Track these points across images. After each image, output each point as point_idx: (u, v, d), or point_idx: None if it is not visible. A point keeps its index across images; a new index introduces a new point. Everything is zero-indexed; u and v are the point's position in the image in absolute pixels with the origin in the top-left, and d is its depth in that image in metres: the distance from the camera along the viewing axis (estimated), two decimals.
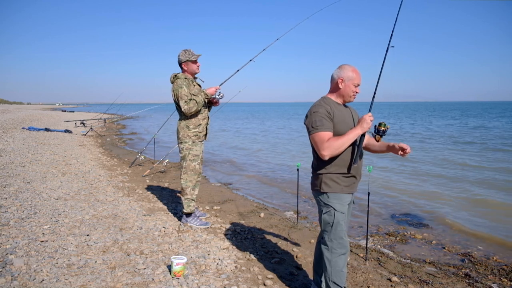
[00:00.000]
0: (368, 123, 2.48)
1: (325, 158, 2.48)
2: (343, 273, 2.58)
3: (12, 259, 3.17)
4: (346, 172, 2.56)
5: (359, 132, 2.48)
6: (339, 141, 2.44)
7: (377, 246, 4.42)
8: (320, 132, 2.48)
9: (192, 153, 4.43)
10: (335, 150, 2.45)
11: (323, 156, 2.46)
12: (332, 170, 2.56)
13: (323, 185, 2.57)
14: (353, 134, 2.47)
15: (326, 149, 2.44)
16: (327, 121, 2.50)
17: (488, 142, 16.05)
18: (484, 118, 36.80)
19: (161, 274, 3.13)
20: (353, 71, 2.60)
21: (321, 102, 2.62)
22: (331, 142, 2.45)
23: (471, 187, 7.69)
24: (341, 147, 2.45)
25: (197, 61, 4.45)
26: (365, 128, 2.48)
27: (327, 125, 2.49)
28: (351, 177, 2.59)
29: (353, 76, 2.59)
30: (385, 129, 2.57)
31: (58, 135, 15.10)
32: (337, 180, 2.56)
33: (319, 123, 2.49)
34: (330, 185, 2.56)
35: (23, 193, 5.48)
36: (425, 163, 10.52)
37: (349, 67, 2.62)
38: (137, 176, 7.67)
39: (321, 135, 2.47)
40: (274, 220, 5.10)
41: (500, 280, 3.56)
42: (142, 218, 4.69)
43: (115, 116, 34.88)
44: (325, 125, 2.49)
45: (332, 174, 2.56)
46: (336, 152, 2.46)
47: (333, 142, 2.44)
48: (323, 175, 2.58)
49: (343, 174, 2.56)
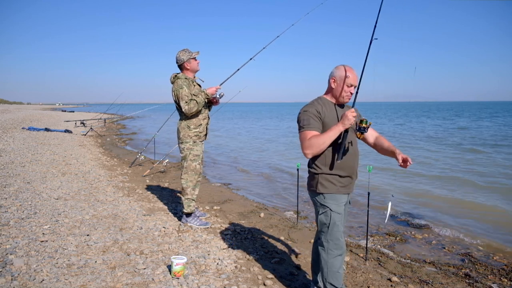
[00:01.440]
0: (350, 119, 2.40)
1: (307, 156, 2.47)
2: (340, 274, 2.56)
3: (12, 259, 3.17)
4: (341, 172, 2.54)
5: (340, 128, 2.42)
6: (319, 139, 2.41)
7: (377, 246, 4.42)
8: (305, 131, 2.48)
9: (193, 153, 4.43)
10: (316, 148, 2.42)
11: (305, 154, 2.47)
12: (328, 170, 2.55)
13: (319, 185, 2.57)
14: (334, 131, 2.42)
15: (307, 148, 2.44)
16: (315, 121, 2.49)
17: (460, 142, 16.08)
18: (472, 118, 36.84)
19: (161, 274, 3.13)
20: (347, 71, 2.55)
21: (313, 101, 2.62)
22: (311, 140, 2.43)
23: (471, 188, 7.69)
24: (322, 144, 2.41)
25: (197, 58, 4.47)
26: (346, 124, 2.41)
27: (314, 124, 2.48)
28: (346, 177, 2.57)
29: (345, 76, 2.54)
30: (366, 126, 2.50)
31: (58, 135, 15.09)
32: (333, 180, 2.55)
33: (306, 122, 2.50)
34: (326, 186, 2.55)
35: (23, 193, 5.48)
36: (422, 164, 10.52)
37: (344, 67, 2.58)
38: (137, 176, 7.67)
39: (305, 134, 2.48)
40: (274, 220, 5.10)
41: (500, 280, 3.56)
42: (142, 218, 4.69)
43: (115, 116, 34.87)
44: (312, 124, 2.48)
45: (327, 175, 2.55)
46: (317, 150, 2.43)
47: (314, 140, 2.42)
48: (318, 175, 2.58)
49: (339, 175, 2.55)
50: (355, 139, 2.64)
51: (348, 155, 2.56)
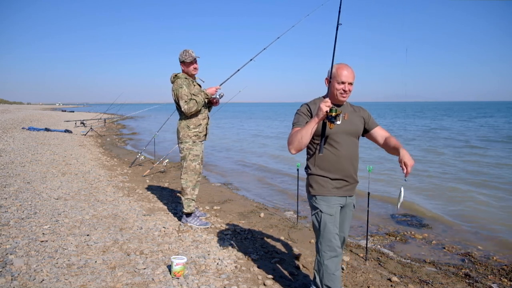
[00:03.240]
0: (322, 109, 2.31)
1: (291, 152, 2.45)
2: (335, 276, 2.48)
3: (12, 259, 3.17)
4: (331, 174, 2.51)
5: (315, 119, 2.35)
6: (298, 133, 2.39)
7: (377, 246, 4.42)
8: (292, 128, 2.51)
9: (193, 153, 4.43)
10: (296, 143, 2.38)
11: (289, 150, 2.45)
12: (317, 172, 2.53)
13: (310, 187, 2.57)
14: (309, 123, 2.37)
15: (289, 143, 2.44)
16: (303, 118, 2.51)
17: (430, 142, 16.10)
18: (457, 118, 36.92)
19: (161, 274, 3.13)
20: (338, 68, 2.49)
21: (310, 101, 2.62)
22: (292, 135, 2.43)
23: (470, 188, 7.69)
24: (301, 139, 2.36)
25: (195, 63, 4.44)
26: (319, 115, 2.33)
27: (301, 121, 2.49)
28: (339, 180, 2.52)
29: (336, 74, 2.48)
30: (335, 114, 2.35)
31: (58, 135, 15.09)
32: (322, 182, 2.52)
33: (295, 120, 2.53)
34: (316, 188, 2.54)
35: (23, 193, 5.48)
36: (422, 162, 10.52)
37: (336, 65, 2.52)
38: (137, 176, 7.67)
39: (291, 131, 2.49)
40: (274, 220, 5.10)
41: (500, 280, 3.56)
42: (142, 218, 4.69)
43: (115, 116, 34.87)
44: (299, 121, 2.50)
45: (317, 176, 2.54)
46: (299, 144, 2.39)
47: (294, 135, 2.42)
48: (309, 177, 2.58)
49: (329, 177, 2.51)
50: (350, 142, 2.55)
51: (340, 158, 2.50)
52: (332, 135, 2.48)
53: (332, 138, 2.49)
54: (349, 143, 2.55)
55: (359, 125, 2.61)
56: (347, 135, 2.54)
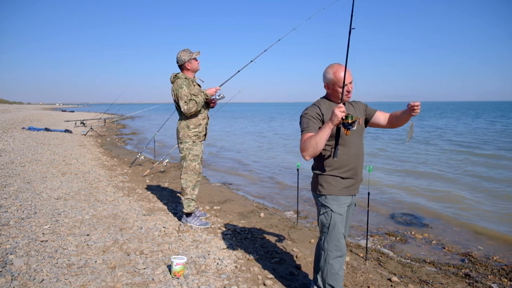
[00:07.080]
0: (337, 115, 2.30)
1: (305, 158, 2.41)
2: (339, 276, 2.54)
3: (12, 259, 3.17)
4: (342, 174, 2.53)
5: (330, 126, 2.34)
6: (312, 140, 2.36)
7: (377, 246, 4.42)
8: (304, 133, 2.46)
9: (192, 153, 4.43)
10: (311, 149, 2.36)
11: (303, 156, 2.42)
12: (328, 171, 2.54)
13: (320, 186, 2.56)
14: (324, 129, 2.35)
15: (302, 150, 2.41)
16: (314, 123, 2.47)
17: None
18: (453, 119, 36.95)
19: (161, 274, 3.13)
20: (335, 73, 2.49)
21: (314, 103, 2.60)
22: (306, 142, 2.39)
23: (470, 187, 7.69)
24: (316, 145, 2.34)
25: (197, 58, 4.48)
26: (334, 121, 2.32)
27: (312, 126, 2.46)
28: (348, 179, 2.55)
29: (335, 80, 2.49)
30: (351, 121, 2.36)
31: (58, 135, 15.09)
32: (333, 181, 2.53)
33: (305, 125, 2.48)
34: (326, 187, 2.54)
35: (23, 193, 5.48)
36: (425, 164, 10.52)
37: (331, 69, 2.52)
38: (137, 176, 7.67)
39: (303, 136, 2.46)
40: (274, 220, 5.10)
41: (500, 280, 3.56)
42: (142, 218, 4.69)
43: (115, 116, 34.86)
44: (310, 126, 2.46)
45: (328, 176, 2.54)
46: (313, 151, 2.36)
47: (308, 141, 2.38)
48: (319, 176, 2.58)
49: (340, 176, 2.53)
50: (358, 140, 2.60)
51: (350, 156, 2.53)
52: (344, 136, 2.48)
53: (344, 139, 2.50)
54: (357, 141, 2.59)
55: (363, 121, 2.66)
56: (356, 134, 2.56)
